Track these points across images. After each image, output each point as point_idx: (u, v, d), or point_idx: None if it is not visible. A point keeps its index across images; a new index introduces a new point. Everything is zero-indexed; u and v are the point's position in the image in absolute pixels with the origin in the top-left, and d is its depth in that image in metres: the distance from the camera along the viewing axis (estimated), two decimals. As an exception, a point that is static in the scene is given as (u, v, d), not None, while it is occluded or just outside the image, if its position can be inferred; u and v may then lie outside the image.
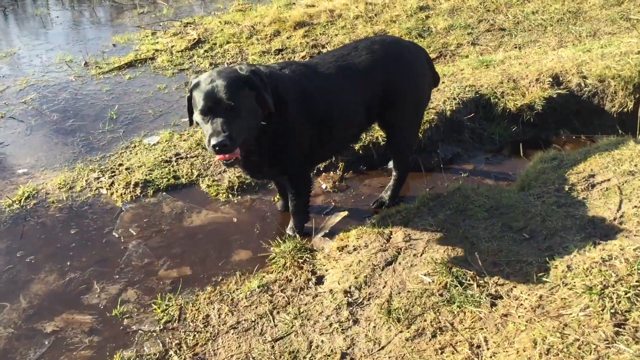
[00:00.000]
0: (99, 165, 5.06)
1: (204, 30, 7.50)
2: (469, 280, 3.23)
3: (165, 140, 5.27)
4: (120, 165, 5.02)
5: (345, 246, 3.89)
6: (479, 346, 2.85)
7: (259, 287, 3.67)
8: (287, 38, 7.21)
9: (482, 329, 2.93)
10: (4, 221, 4.50)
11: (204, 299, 3.67)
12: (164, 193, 4.69)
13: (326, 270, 3.73)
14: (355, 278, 3.52)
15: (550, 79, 5.32)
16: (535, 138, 5.18)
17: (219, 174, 4.86)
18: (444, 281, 3.27)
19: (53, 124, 5.75)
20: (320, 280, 3.67)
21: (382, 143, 4.95)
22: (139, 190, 4.73)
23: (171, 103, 5.97)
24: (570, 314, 2.80)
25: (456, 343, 2.90)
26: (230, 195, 4.66)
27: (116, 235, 4.33)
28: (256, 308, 3.52)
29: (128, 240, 4.29)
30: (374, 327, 3.15)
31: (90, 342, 3.47)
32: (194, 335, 3.41)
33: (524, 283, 3.10)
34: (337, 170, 4.87)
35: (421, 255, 3.55)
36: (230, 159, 3.30)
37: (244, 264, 4.01)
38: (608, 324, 2.68)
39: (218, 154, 3.29)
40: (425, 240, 3.65)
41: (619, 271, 2.92)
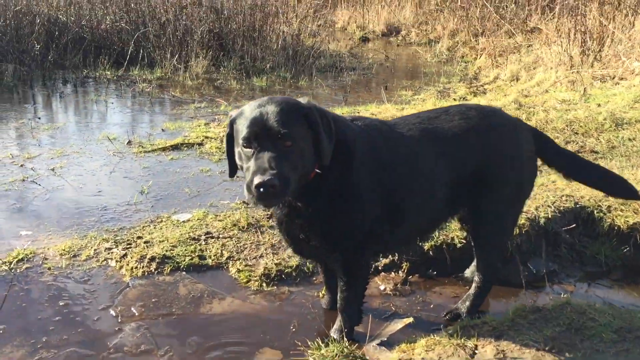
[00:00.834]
0: (114, 236, 4.23)
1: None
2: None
3: (197, 219, 4.44)
4: (139, 237, 4.18)
5: (411, 359, 2.84)
6: None
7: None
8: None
9: None
10: (-14, 282, 3.65)
11: (209, 406, 2.62)
12: (184, 273, 3.78)
13: (382, 388, 2.66)
14: (426, 401, 2.45)
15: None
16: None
17: (254, 258, 3.94)
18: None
19: (75, 191, 5.05)
20: (373, 400, 2.60)
21: (459, 245, 3.98)
22: (153, 266, 3.83)
23: (212, 185, 5.22)
24: None
25: None
26: (264, 284, 3.71)
27: (113, 314, 3.39)
28: None
29: (127, 320, 3.33)
30: None
31: None
32: None
33: None
34: (400, 272, 3.89)
35: (523, 379, 2.46)
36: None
37: (270, 367, 2.99)
38: None
39: (263, 199, 2.45)
40: (528, 360, 2.58)
41: None
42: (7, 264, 3.82)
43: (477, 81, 10.18)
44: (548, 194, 4.48)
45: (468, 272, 3.84)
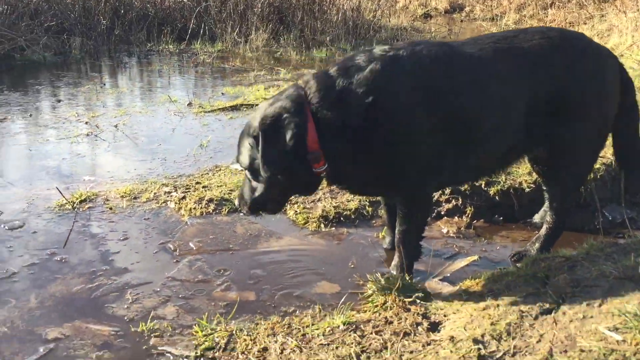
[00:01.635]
0: (173, 181, 4.23)
1: (318, 88, 6.92)
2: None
3: (256, 168, 4.40)
4: (197, 183, 4.17)
5: (475, 291, 2.70)
6: None
7: (344, 325, 2.53)
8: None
9: None
10: (51, 219, 3.71)
11: (265, 329, 2.57)
12: (241, 214, 3.73)
13: (445, 315, 2.54)
14: (492, 325, 2.31)
15: None
16: None
17: (311, 202, 3.86)
18: (646, 337, 2.00)
19: (136, 145, 5.10)
20: (434, 326, 2.48)
21: (527, 190, 3.78)
22: (212, 207, 3.81)
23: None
24: None
25: None
26: (322, 225, 3.63)
27: (171, 247, 3.38)
28: (337, 348, 2.37)
29: (184, 254, 3.31)
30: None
31: (97, 358, 2.43)
32: (241, 370, 2.29)
33: None
34: (464, 217, 3.72)
35: (600, 305, 2.28)
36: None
37: (327, 298, 2.91)
38: None
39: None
40: (605, 288, 2.39)
41: None
42: (71, 203, 3.88)
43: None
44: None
45: (537, 218, 3.64)
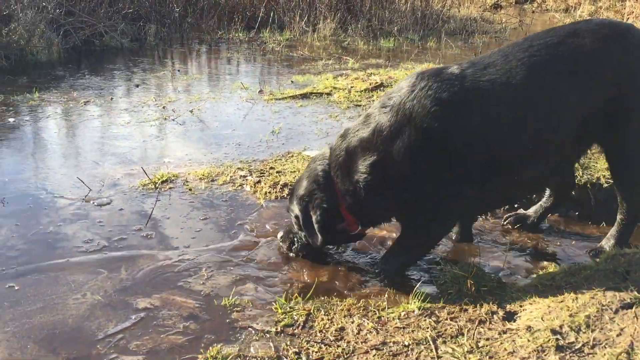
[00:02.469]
0: (248, 166, 4.38)
1: (387, 78, 6.94)
2: None
3: (328, 155, 4.49)
4: (271, 168, 4.30)
5: (552, 284, 2.71)
6: None
7: (419, 310, 2.59)
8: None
9: None
10: (135, 197, 3.91)
11: (342, 309, 2.67)
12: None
13: (520, 305, 2.56)
14: (571, 317, 2.32)
15: None
16: None
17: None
18: None
19: (211, 130, 5.27)
20: (510, 316, 2.51)
21: (605, 186, 3.73)
22: (286, 192, 3.93)
23: (340, 128, 5.26)
24: None
25: None
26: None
27: (248, 229, 3.52)
28: (412, 332, 2.44)
29: (261, 235, 3.44)
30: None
31: (184, 328, 2.59)
32: (320, 347, 2.40)
33: None
34: (537, 210, 3.71)
35: (684, 302, 2.27)
36: None
37: (399, 283, 2.97)
38: None
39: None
40: (689, 285, 2.36)
41: None
42: (154, 183, 4.08)
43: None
44: None
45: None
